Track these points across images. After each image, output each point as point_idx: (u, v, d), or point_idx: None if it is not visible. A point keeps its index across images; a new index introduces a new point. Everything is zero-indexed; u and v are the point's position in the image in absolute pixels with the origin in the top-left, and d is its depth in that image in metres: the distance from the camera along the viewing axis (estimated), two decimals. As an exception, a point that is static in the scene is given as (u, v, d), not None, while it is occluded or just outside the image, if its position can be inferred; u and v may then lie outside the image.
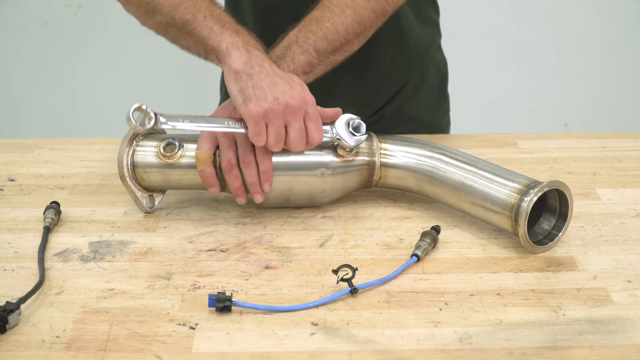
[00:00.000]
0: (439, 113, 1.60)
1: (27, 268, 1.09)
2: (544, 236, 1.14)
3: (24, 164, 1.38)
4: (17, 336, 0.95)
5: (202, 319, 0.98)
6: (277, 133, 1.11)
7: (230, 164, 1.15)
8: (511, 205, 1.10)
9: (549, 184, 1.10)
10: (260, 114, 1.10)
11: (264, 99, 1.10)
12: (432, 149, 1.21)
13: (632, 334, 0.96)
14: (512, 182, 1.12)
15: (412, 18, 1.46)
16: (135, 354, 0.93)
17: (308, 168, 1.18)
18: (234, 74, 1.12)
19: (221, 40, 1.14)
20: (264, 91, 1.10)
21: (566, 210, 1.14)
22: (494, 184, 1.14)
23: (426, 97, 1.55)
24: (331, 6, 1.22)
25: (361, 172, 1.21)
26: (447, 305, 1.01)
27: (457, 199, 1.17)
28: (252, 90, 1.11)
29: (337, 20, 1.22)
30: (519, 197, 1.10)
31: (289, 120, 1.12)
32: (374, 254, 1.12)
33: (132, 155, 1.19)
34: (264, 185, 1.16)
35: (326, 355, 0.92)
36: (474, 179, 1.16)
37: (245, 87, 1.11)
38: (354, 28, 1.24)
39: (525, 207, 1.08)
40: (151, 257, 1.11)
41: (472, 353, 0.93)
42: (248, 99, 1.10)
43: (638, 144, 1.46)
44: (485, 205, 1.14)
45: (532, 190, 1.09)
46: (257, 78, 1.11)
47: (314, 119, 1.13)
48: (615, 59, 3.01)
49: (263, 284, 1.06)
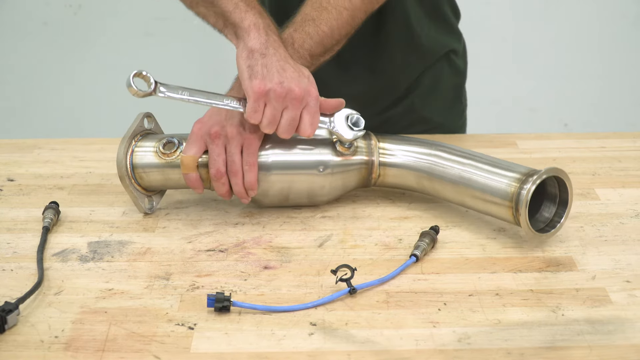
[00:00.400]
0: (453, 115, 1.59)
1: (26, 268, 1.09)
2: (546, 224, 1.14)
3: (23, 164, 1.38)
4: (15, 336, 0.95)
5: (200, 319, 0.98)
6: (273, 115, 1.12)
7: (219, 173, 1.16)
8: (511, 194, 1.10)
9: (548, 171, 1.10)
10: (262, 92, 1.11)
11: (269, 79, 1.11)
12: (430, 146, 1.21)
13: (630, 334, 0.96)
14: (511, 172, 1.12)
15: (422, 17, 1.45)
16: (134, 354, 0.93)
17: (307, 167, 1.18)
18: (248, 51, 1.13)
19: (244, 18, 1.15)
20: (272, 72, 1.11)
21: (566, 196, 1.13)
22: (492, 175, 1.14)
23: (440, 99, 1.54)
24: (329, 7, 1.22)
25: (360, 171, 1.21)
26: (446, 305, 1.01)
27: (457, 194, 1.17)
28: (261, 68, 1.12)
29: (334, 24, 1.22)
30: (519, 185, 1.10)
31: (287, 106, 1.12)
32: (373, 254, 1.12)
33: (131, 155, 1.19)
34: (249, 193, 1.17)
35: (325, 356, 0.92)
36: (472, 171, 1.16)
37: (255, 64, 1.12)
38: (347, 30, 1.25)
39: (525, 195, 1.08)
40: (150, 257, 1.11)
41: (471, 353, 0.93)
42: (255, 75, 1.11)
43: (637, 144, 1.45)
44: (486, 197, 1.14)
45: (531, 178, 1.09)
46: (269, 59, 1.12)
47: (312, 112, 1.14)
48: (615, 59, 3.01)
49: (262, 284, 1.06)
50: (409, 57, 1.47)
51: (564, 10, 2.96)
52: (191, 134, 1.17)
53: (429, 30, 1.47)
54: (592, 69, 3.00)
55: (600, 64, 3.00)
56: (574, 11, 2.97)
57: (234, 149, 1.15)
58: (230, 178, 1.16)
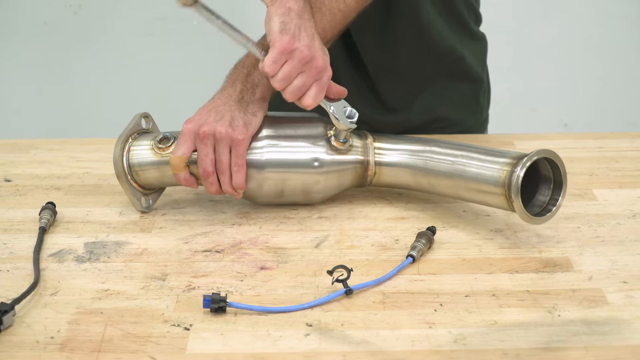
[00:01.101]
0: (471, 115, 1.58)
1: (22, 269, 1.09)
2: (542, 208, 1.14)
3: (20, 164, 1.38)
4: (11, 337, 0.95)
5: (196, 319, 0.98)
6: (290, 73, 1.12)
7: (206, 172, 1.16)
8: (502, 180, 1.10)
9: (538, 153, 1.10)
10: (289, 49, 1.11)
11: (299, 40, 1.11)
12: (424, 143, 1.22)
13: (627, 335, 0.96)
14: (502, 157, 1.12)
15: (435, 17, 1.45)
16: (130, 355, 0.93)
17: (302, 163, 1.18)
18: (285, 8, 1.12)
19: None
20: (302, 35, 1.12)
21: (560, 178, 1.13)
22: (484, 162, 1.14)
23: (457, 99, 1.54)
24: (323, 9, 1.22)
25: (355, 170, 1.22)
26: (442, 306, 1.01)
27: (452, 187, 1.17)
28: (295, 28, 1.12)
29: (327, 25, 1.23)
30: (510, 169, 1.10)
31: (304, 71, 1.13)
32: (370, 254, 1.12)
33: (128, 152, 1.19)
34: (237, 192, 1.18)
35: (320, 356, 0.92)
36: (465, 162, 1.16)
37: (290, 22, 1.12)
38: (339, 30, 1.25)
39: (516, 180, 1.08)
40: (146, 258, 1.11)
41: (467, 354, 0.93)
42: (286, 31, 1.11)
43: (635, 145, 1.45)
44: (480, 188, 1.13)
45: (521, 161, 1.09)
46: (304, 23, 1.13)
47: (321, 87, 1.15)
48: (615, 59, 3.00)
49: (258, 284, 1.06)
50: (419, 59, 1.47)
51: (564, 10, 2.96)
52: (181, 133, 1.17)
53: (443, 30, 1.46)
54: (592, 69, 3.00)
55: (600, 64, 3.00)
56: (574, 11, 2.96)
57: (223, 149, 1.15)
58: (220, 177, 1.16)
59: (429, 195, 1.26)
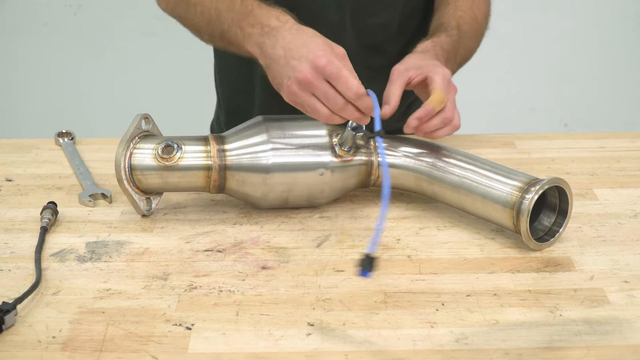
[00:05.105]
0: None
1: (23, 268, 1.09)
2: (545, 232, 1.14)
3: (21, 164, 1.38)
4: (13, 336, 0.95)
5: (198, 319, 0.98)
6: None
7: None
8: (512, 203, 1.10)
9: (550, 181, 1.10)
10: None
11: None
12: (430, 148, 1.21)
13: (628, 335, 0.96)
14: (512, 179, 1.13)
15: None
16: (132, 355, 0.93)
17: (307, 169, 1.18)
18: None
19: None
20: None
21: (566, 206, 1.14)
22: (493, 182, 1.14)
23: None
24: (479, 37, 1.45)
25: (359, 172, 1.21)
26: (444, 305, 1.01)
27: (456, 198, 1.17)
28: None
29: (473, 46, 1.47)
30: (521, 194, 1.10)
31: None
32: (371, 254, 1.12)
33: (130, 157, 1.17)
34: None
35: (322, 356, 0.92)
36: (473, 177, 1.16)
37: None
38: None
39: (527, 205, 1.08)
40: (148, 258, 1.11)
41: (469, 353, 0.93)
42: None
43: (636, 144, 1.45)
44: (486, 204, 1.14)
45: (533, 187, 1.10)
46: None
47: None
48: (615, 59, 3.01)
49: (260, 284, 1.06)
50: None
51: (563, 10, 2.96)
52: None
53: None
54: (591, 69, 3.00)
55: (599, 64, 3.00)
56: (574, 11, 2.97)
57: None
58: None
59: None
